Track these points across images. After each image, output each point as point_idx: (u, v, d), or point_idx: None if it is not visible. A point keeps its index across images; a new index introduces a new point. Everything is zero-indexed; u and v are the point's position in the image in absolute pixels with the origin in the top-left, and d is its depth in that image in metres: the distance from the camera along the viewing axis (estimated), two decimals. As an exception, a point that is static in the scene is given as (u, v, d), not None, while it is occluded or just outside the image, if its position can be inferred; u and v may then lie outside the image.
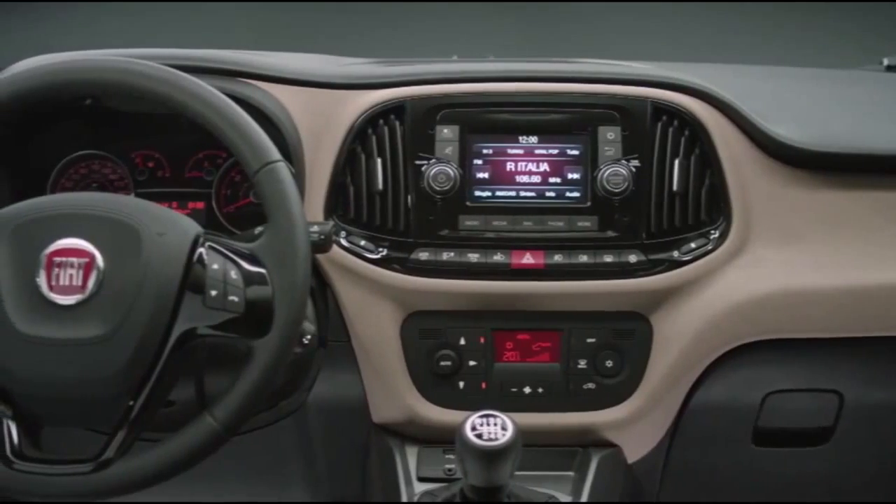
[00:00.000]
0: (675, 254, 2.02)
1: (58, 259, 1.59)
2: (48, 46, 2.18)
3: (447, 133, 2.01)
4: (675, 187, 2.01)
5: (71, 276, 1.59)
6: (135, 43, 2.11)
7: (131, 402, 1.60)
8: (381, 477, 2.08)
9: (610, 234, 2.01)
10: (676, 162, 2.02)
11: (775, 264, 2.07)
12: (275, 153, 1.67)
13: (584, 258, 2.00)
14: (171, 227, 1.64)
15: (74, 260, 1.59)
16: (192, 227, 1.66)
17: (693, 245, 2.02)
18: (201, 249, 1.64)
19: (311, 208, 2.01)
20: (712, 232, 2.04)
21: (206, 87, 1.68)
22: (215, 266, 1.63)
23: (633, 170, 2.00)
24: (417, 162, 2.01)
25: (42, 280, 1.59)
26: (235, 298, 1.61)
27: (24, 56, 2.13)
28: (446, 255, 2.00)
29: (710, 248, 2.03)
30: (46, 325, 1.58)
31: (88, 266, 1.59)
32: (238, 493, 2.37)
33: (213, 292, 1.61)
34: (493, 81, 2.05)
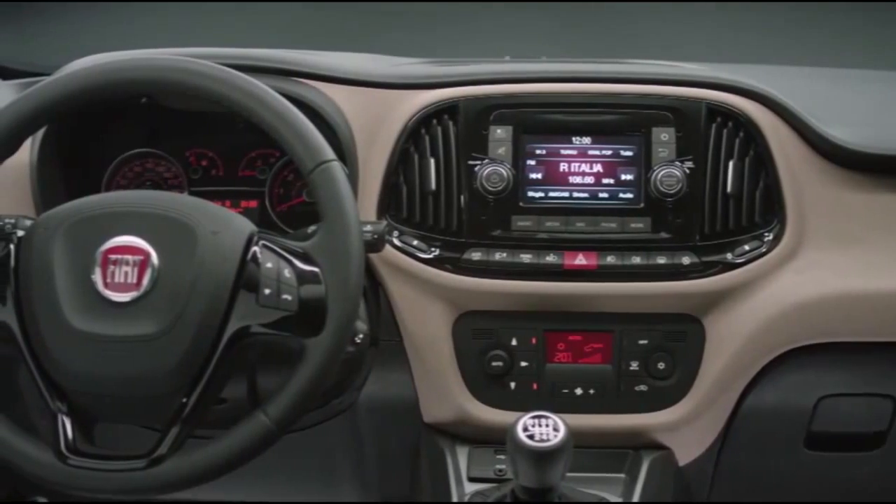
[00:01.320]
0: (729, 256, 2.01)
1: (113, 256, 1.60)
2: (98, 46, 2.19)
3: (500, 133, 2.01)
4: (729, 189, 2.00)
5: (126, 273, 1.60)
6: (182, 42, 2.12)
7: (184, 399, 1.61)
8: (431, 477, 2.08)
9: (663, 235, 2.00)
10: (731, 164, 2.01)
11: (829, 267, 2.05)
12: (329, 153, 1.67)
13: (636, 260, 2.00)
14: (225, 225, 1.65)
15: (129, 257, 1.60)
16: (247, 226, 1.67)
17: (747, 247, 2.01)
18: (255, 248, 1.65)
19: (365, 208, 2.01)
20: (766, 234, 2.02)
21: (262, 87, 1.69)
22: (269, 264, 1.63)
23: (687, 171, 1.99)
24: (470, 162, 2.01)
25: (97, 277, 1.60)
26: (289, 297, 1.62)
27: (77, 56, 2.14)
28: (498, 256, 2.00)
29: (763, 250, 2.02)
30: (101, 322, 1.60)
31: (143, 263, 1.60)
32: (287, 491, 2.37)
33: (267, 291, 1.61)
34: (548, 82, 2.05)
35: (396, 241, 2.02)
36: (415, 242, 2.02)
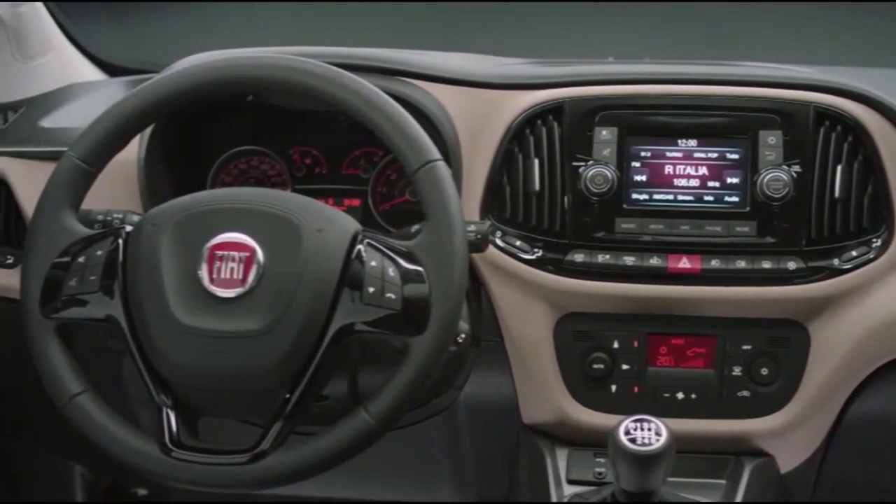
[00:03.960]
0: (836, 262, 1.98)
1: (219, 252, 1.62)
2: (203, 45, 2.22)
3: (605, 135, 2.00)
4: (836, 194, 1.97)
5: (232, 269, 1.61)
6: (287, 41, 2.13)
7: (287, 395, 1.62)
8: (530, 478, 2.08)
9: (769, 240, 1.98)
10: (839, 168, 1.98)
11: (939, 274, 2.01)
12: (435, 152, 1.67)
13: (741, 264, 1.98)
14: (330, 223, 1.66)
15: (235, 254, 1.62)
16: (351, 224, 1.68)
17: (854, 253, 1.98)
18: (360, 246, 1.65)
19: (468, 207, 2.01)
20: (874, 240, 1.99)
21: (369, 86, 1.70)
22: (373, 263, 1.64)
23: (794, 175, 1.96)
24: (575, 163, 2.00)
25: (204, 273, 1.61)
26: (393, 296, 1.62)
27: (183, 54, 2.17)
28: (601, 258, 1.99)
29: (871, 256, 1.99)
30: (207, 317, 1.61)
31: (249, 260, 1.61)
32: (386, 489, 2.38)
33: (371, 289, 1.62)
34: (654, 83, 2.03)
35: (499, 242, 2.02)
36: (517, 243, 2.01)
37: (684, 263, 1.98)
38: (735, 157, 2.00)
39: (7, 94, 2.51)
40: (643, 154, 2.01)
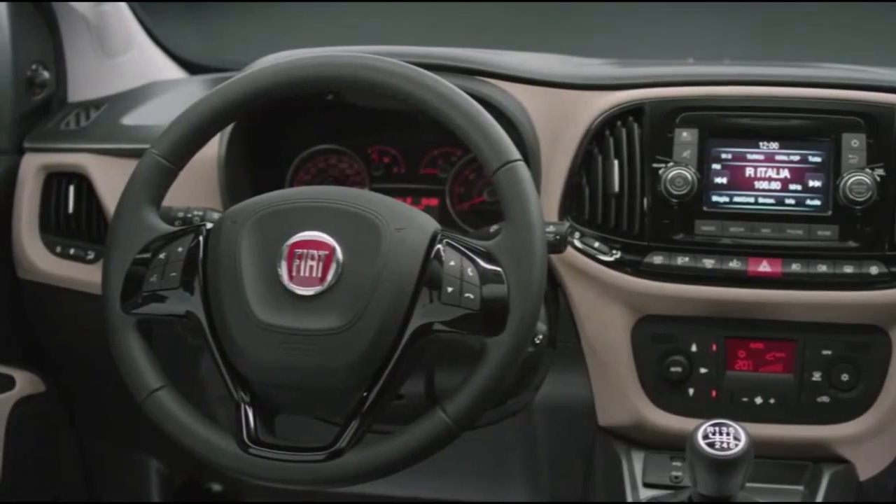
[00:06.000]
0: None
1: (299, 250, 1.62)
2: (281, 44, 2.23)
3: (686, 136, 1.98)
4: None
5: (311, 267, 1.62)
6: (361, 41, 2.14)
7: (365, 394, 1.62)
8: (605, 480, 2.07)
9: (851, 244, 1.95)
10: None
11: None
12: (514, 152, 1.66)
13: (822, 268, 1.95)
14: (409, 222, 1.66)
15: (315, 252, 1.62)
16: (431, 224, 1.68)
17: None
18: (439, 246, 1.65)
19: (547, 208, 2.00)
20: None
21: (449, 85, 1.69)
22: (452, 263, 1.63)
23: (878, 179, 1.94)
24: (654, 165, 1.98)
25: (283, 270, 1.62)
26: (471, 296, 1.61)
27: (261, 53, 2.18)
28: (681, 260, 1.97)
29: None
30: (285, 315, 1.61)
31: (328, 258, 1.61)
32: (459, 489, 2.39)
33: (450, 289, 1.61)
34: (736, 85, 2.01)
35: (577, 243, 2.01)
36: (596, 244, 2.00)
37: (764, 267, 1.96)
38: (817, 160, 1.98)
39: (89, 91, 2.55)
40: (724, 156, 1.99)
